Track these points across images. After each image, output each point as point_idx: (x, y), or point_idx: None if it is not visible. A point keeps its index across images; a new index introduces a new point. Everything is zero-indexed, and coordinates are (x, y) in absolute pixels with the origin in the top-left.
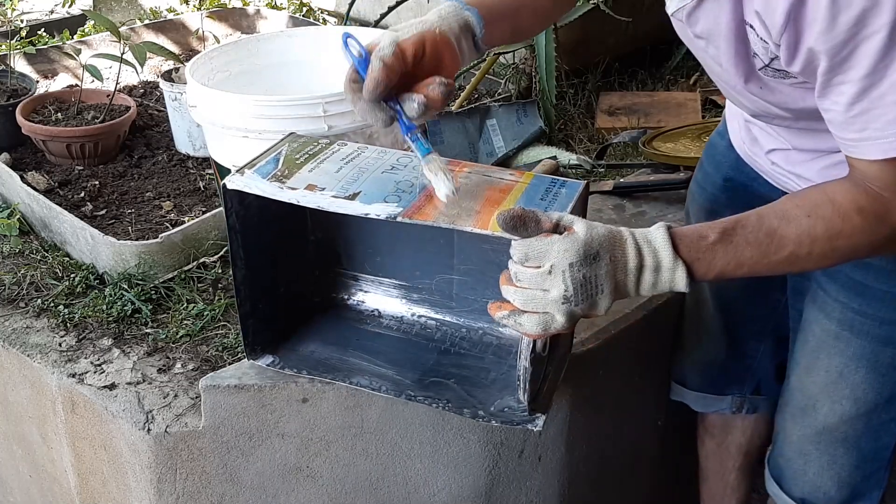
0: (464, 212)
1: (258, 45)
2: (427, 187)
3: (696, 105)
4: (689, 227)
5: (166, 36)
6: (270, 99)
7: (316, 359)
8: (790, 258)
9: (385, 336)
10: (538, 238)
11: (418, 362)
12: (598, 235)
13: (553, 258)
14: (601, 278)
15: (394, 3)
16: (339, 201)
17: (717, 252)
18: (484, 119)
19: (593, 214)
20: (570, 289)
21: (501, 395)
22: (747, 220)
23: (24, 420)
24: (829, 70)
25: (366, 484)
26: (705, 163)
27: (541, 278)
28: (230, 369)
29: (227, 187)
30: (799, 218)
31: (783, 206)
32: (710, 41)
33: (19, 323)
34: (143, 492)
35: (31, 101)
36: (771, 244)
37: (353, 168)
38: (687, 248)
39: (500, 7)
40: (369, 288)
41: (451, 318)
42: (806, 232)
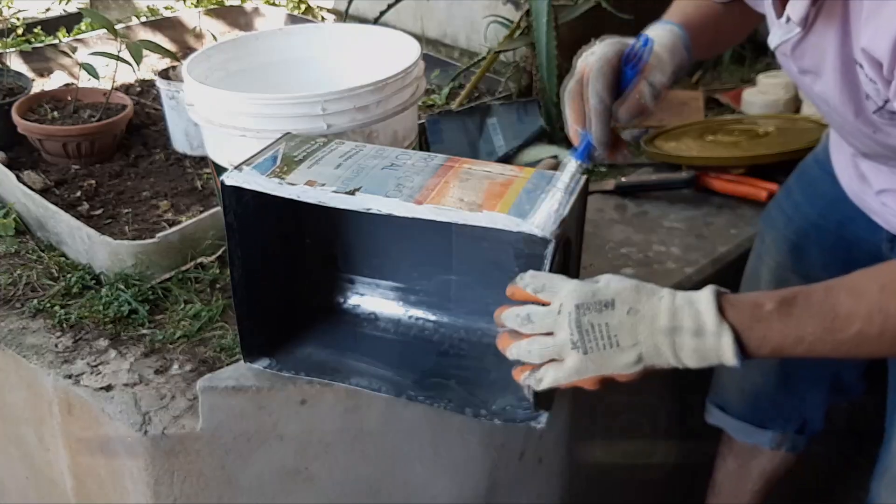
0: (466, 206)
1: (256, 43)
2: (425, 184)
3: (699, 104)
4: (742, 294)
5: (163, 34)
6: (268, 97)
7: (313, 361)
8: (858, 337)
9: (383, 339)
10: (558, 276)
11: (417, 364)
12: (616, 285)
13: (563, 296)
14: (613, 328)
15: (393, 1)
16: (340, 196)
17: (773, 322)
18: (484, 118)
19: (595, 214)
20: (576, 333)
21: (503, 395)
22: (812, 290)
23: (20, 422)
24: None
25: (365, 487)
26: (796, 191)
27: (551, 319)
28: (228, 370)
29: (226, 183)
30: (871, 292)
31: (854, 279)
32: (818, 77)
33: (15, 324)
34: (140, 494)
35: (26, 100)
36: (837, 319)
37: (353, 165)
38: (738, 313)
39: (703, 31)
40: (366, 290)
41: (450, 320)
42: (877, 307)
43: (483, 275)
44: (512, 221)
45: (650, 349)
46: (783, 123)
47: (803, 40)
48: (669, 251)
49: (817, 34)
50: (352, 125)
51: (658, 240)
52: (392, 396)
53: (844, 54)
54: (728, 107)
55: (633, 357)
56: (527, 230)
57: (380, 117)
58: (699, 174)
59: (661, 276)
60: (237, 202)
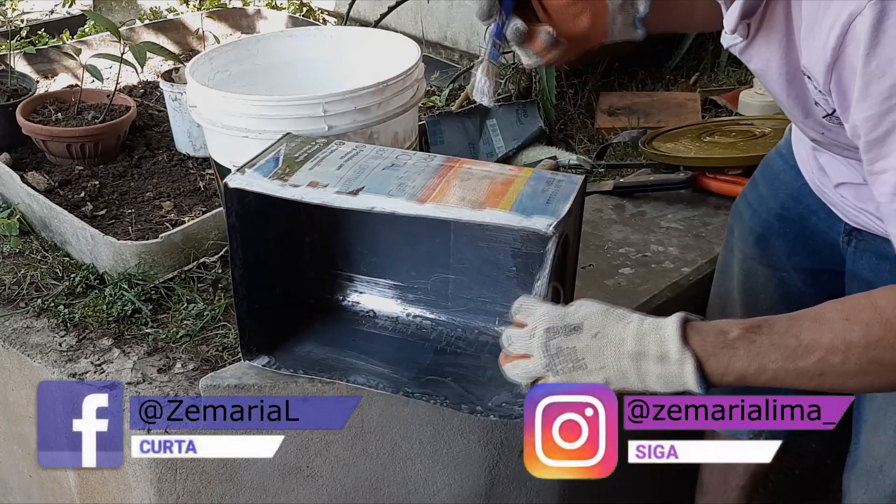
0: (468, 205)
1: (258, 45)
2: (427, 184)
3: (696, 105)
4: (710, 322)
5: (166, 36)
6: (270, 99)
7: (312, 359)
8: (821, 366)
9: (381, 336)
10: (534, 298)
11: (414, 361)
12: (586, 310)
13: (535, 319)
14: (580, 351)
15: (394, 4)
16: (343, 197)
17: (736, 352)
18: (484, 119)
19: (593, 214)
20: (545, 357)
21: (498, 392)
22: (777, 320)
23: (24, 420)
24: (867, 149)
25: (366, 484)
26: (760, 184)
27: (527, 340)
28: (230, 369)
29: (229, 186)
30: (834, 321)
31: (819, 310)
32: (766, 79)
33: (19, 323)
34: (144, 491)
35: (31, 102)
36: (799, 347)
37: (354, 165)
38: (702, 341)
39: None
40: (365, 289)
41: (447, 318)
42: (840, 337)
43: (480, 274)
44: (515, 218)
45: (616, 373)
46: (780, 124)
47: (749, 47)
48: (667, 251)
49: (761, 43)
50: (353, 126)
51: (656, 240)
52: (390, 394)
53: (790, 63)
54: (725, 108)
55: (600, 379)
56: (530, 226)
57: (380, 119)
58: (697, 175)
59: (658, 276)
60: (239, 203)
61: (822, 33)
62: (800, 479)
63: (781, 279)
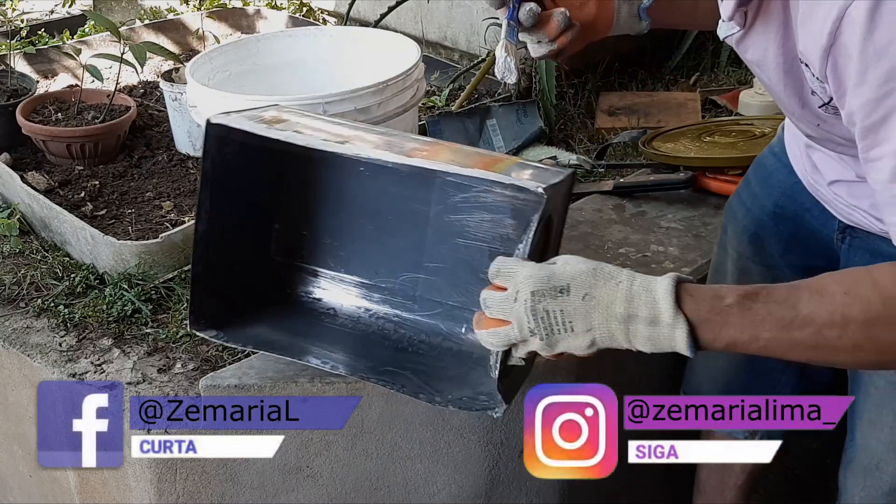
0: (458, 165)
1: (258, 45)
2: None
3: (697, 105)
4: (705, 286)
5: (166, 36)
6: (270, 99)
7: (262, 339)
8: (816, 339)
9: (339, 332)
10: (514, 258)
11: (372, 355)
12: (573, 269)
13: (518, 282)
14: (568, 314)
15: (394, 4)
16: (331, 143)
17: (730, 317)
18: (484, 119)
19: (593, 214)
20: (532, 321)
21: (460, 388)
22: (775, 289)
23: (24, 420)
24: (863, 136)
25: (366, 484)
26: (753, 182)
27: (508, 305)
28: (230, 369)
29: (212, 121)
30: (834, 294)
31: (819, 281)
32: (762, 69)
33: (19, 323)
34: (144, 491)
35: (31, 102)
36: (796, 319)
37: (342, 127)
38: (696, 305)
39: None
40: (328, 285)
41: (412, 321)
42: (839, 311)
43: (453, 276)
44: (506, 178)
45: (604, 334)
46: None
47: (746, 36)
48: (667, 251)
49: (759, 32)
50: None
51: (656, 240)
52: (346, 375)
53: (787, 52)
54: (725, 108)
55: (587, 341)
56: (520, 184)
57: (380, 118)
58: (697, 175)
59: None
60: (218, 151)
61: (818, 18)
62: (800, 479)
63: (776, 277)
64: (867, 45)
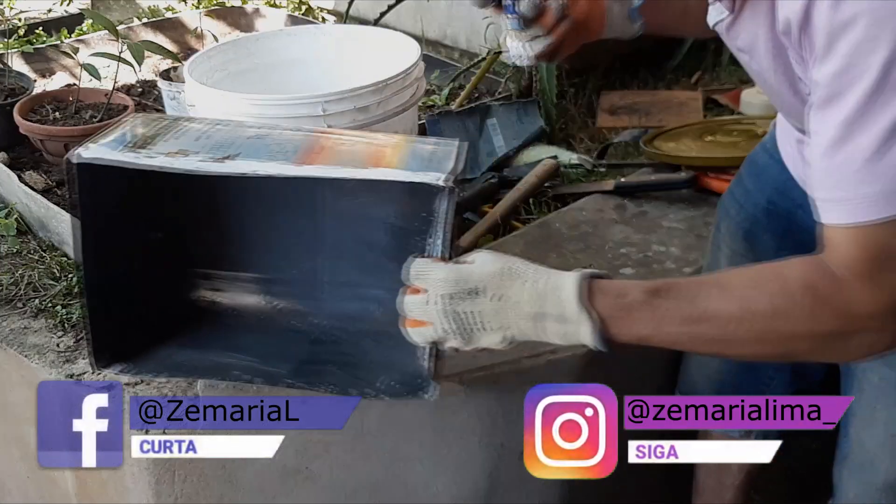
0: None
1: (257, 44)
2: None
3: (698, 104)
4: (612, 282)
5: (164, 34)
6: (269, 98)
7: (175, 362)
8: (721, 333)
9: (247, 333)
10: (427, 260)
11: (288, 354)
12: (484, 271)
13: (431, 285)
14: (481, 315)
15: (393, 2)
16: (215, 164)
17: (637, 313)
18: (484, 118)
19: (594, 214)
20: (448, 323)
21: (386, 373)
22: (682, 285)
23: (21, 421)
24: (818, 108)
25: (366, 486)
26: (746, 179)
27: (423, 308)
28: None
29: (74, 161)
30: (739, 288)
31: (726, 275)
32: (753, 56)
33: (17, 323)
34: (142, 493)
35: (28, 101)
36: (700, 313)
37: (216, 136)
38: (604, 301)
39: None
40: (224, 286)
41: (320, 308)
42: (743, 306)
43: (355, 257)
44: (405, 174)
45: (517, 331)
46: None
47: (736, 21)
48: (669, 251)
49: (748, 17)
50: (352, 125)
51: (657, 240)
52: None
53: (776, 35)
54: (727, 107)
55: (500, 338)
56: (426, 180)
57: (380, 118)
58: (698, 174)
59: (660, 276)
60: (88, 189)
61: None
62: (800, 479)
63: None
64: (834, 16)
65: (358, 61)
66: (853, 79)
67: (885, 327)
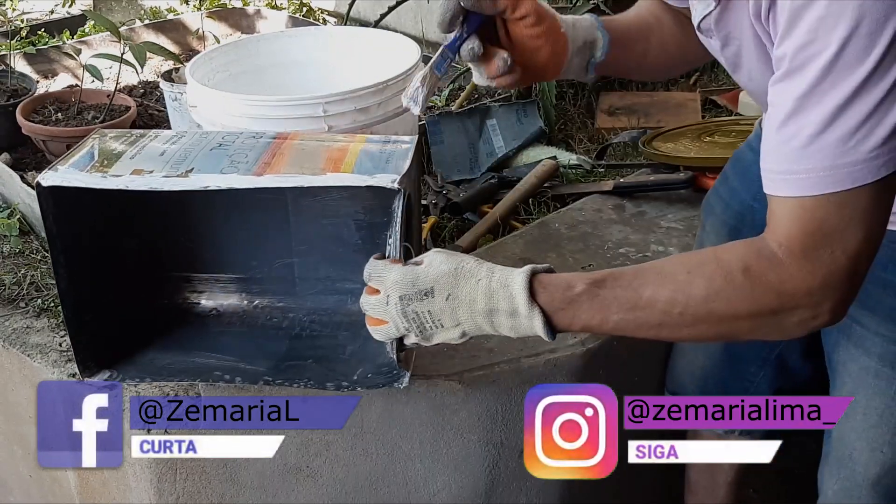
0: (308, 171)
1: (258, 46)
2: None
3: (696, 105)
4: (557, 276)
5: (166, 36)
6: (270, 99)
7: (157, 365)
8: (660, 317)
9: (229, 333)
10: (383, 262)
11: (269, 352)
12: (435, 272)
13: (388, 286)
14: (435, 314)
15: (394, 4)
16: (173, 180)
17: (580, 305)
18: (484, 119)
19: (593, 214)
20: (403, 322)
21: (361, 365)
22: (622, 273)
23: (23, 421)
24: (776, 81)
25: (366, 484)
26: (731, 177)
27: (382, 308)
28: None
29: (43, 185)
30: (677, 273)
31: (665, 262)
32: (740, 51)
33: (19, 323)
34: (144, 491)
35: (31, 101)
36: (641, 300)
37: (178, 150)
38: (549, 297)
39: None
40: (204, 287)
41: (297, 303)
42: (681, 289)
43: (326, 252)
44: (358, 178)
45: (472, 327)
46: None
47: (724, 13)
48: (667, 251)
49: (734, 7)
50: (353, 126)
51: (656, 240)
52: (249, 384)
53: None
54: (725, 108)
55: (458, 334)
56: (375, 184)
57: (380, 118)
58: (697, 175)
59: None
60: (56, 206)
61: None
62: (800, 479)
63: None
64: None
65: (358, 62)
66: (813, 54)
67: (821, 303)
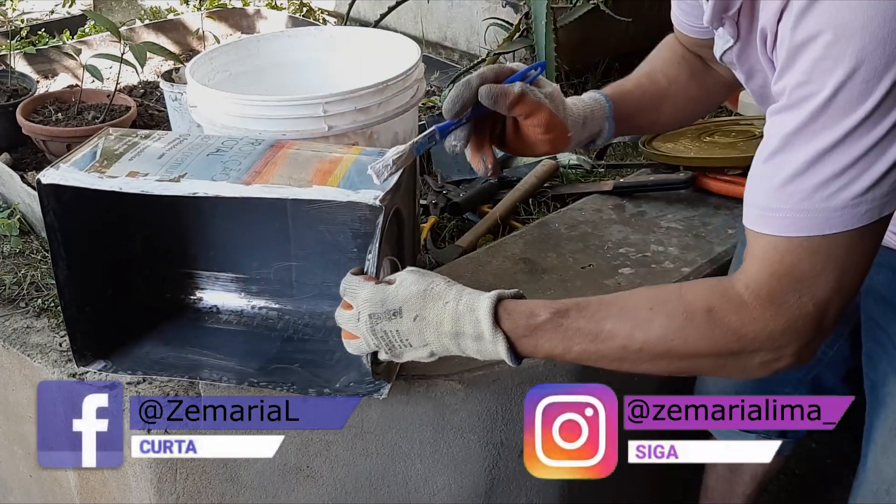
0: (295, 183)
1: (258, 46)
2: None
3: None
4: (523, 302)
5: (166, 36)
6: (270, 99)
7: (151, 359)
8: (620, 352)
9: (225, 331)
10: (358, 278)
11: (260, 352)
12: (404, 293)
13: (359, 303)
14: (404, 334)
15: (394, 4)
16: (164, 184)
17: (543, 334)
18: None
19: (593, 214)
20: (372, 339)
21: (346, 373)
22: (588, 303)
23: (24, 420)
24: (775, 111)
25: (366, 484)
26: None
27: (353, 324)
28: None
29: (42, 182)
30: (639, 309)
31: (631, 295)
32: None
33: (20, 323)
34: (144, 491)
35: (31, 102)
36: (602, 333)
37: (176, 154)
38: (513, 324)
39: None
40: (206, 284)
41: (293, 307)
42: (641, 326)
43: (323, 258)
44: (342, 193)
45: (439, 348)
46: None
47: (744, 49)
48: (667, 251)
49: (753, 42)
50: (353, 126)
51: (656, 240)
52: (235, 384)
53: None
54: (725, 108)
55: (426, 353)
56: (356, 199)
57: (381, 119)
58: (697, 175)
59: (658, 276)
60: (57, 201)
61: (770, 9)
62: (800, 479)
63: None
64: (797, 30)
65: (358, 62)
66: (807, 94)
67: (784, 347)
